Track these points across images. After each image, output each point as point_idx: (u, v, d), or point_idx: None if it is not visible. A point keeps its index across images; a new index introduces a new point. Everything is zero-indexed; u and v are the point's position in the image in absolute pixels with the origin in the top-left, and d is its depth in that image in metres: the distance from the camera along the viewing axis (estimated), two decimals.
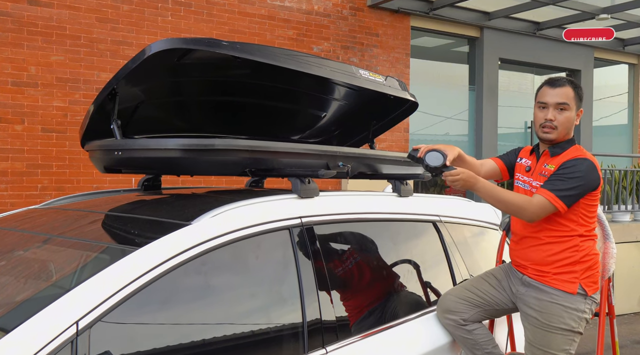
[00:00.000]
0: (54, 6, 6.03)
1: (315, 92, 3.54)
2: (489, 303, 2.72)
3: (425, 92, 8.99)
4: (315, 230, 2.46)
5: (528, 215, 2.54)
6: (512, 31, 9.54)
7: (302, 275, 2.29)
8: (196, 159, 2.40)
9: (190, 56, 2.70)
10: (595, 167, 2.56)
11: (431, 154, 2.60)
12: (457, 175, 2.52)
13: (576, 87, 2.66)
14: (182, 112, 3.36)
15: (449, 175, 2.52)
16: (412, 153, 2.67)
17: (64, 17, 6.09)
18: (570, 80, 2.69)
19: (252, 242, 2.21)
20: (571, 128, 2.66)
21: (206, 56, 2.71)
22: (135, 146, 2.43)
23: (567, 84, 2.65)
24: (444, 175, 2.55)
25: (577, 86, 2.67)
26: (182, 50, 2.61)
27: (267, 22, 7.34)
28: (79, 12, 6.17)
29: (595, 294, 2.60)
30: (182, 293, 1.99)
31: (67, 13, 6.10)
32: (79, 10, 6.17)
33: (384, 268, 2.81)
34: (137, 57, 2.45)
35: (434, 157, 2.60)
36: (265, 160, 2.62)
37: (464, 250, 3.12)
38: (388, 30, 8.32)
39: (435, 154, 2.60)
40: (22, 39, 5.88)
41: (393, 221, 2.90)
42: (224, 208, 2.22)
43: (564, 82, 2.65)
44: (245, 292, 2.17)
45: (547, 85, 2.67)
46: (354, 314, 2.52)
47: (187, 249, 2.00)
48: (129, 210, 2.50)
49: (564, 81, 2.66)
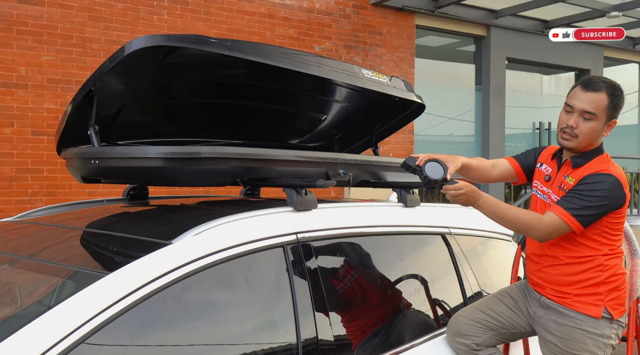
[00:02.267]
0: (44, 4, 5.80)
1: (315, 93, 3.30)
2: (504, 326, 2.47)
3: (431, 92, 8.73)
4: (313, 246, 2.22)
5: (538, 234, 2.28)
6: (520, 29, 9.28)
7: (297, 298, 2.04)
8: (180, 169, 2.16)
9: (177, 54, 2.46)
10: (621, 184, 2.26)
11: (431, 165, 2.33)
12: (460, 190, 2.26)
13: (613, 95, 2.29)
14: (172, 116, 3.13)
15: (451, 189, 2.26)
16: (407, 162, 2.36)
17: (55, 15, 5.86)
18: (610, 84, 2.31)
19: (240, 262, 1.97)
20: (596, 139, 2.34)
21: (195, 54, 2.48)
22: (113, 154, 2.19)
23: (604, 89, 2.29)
24: (444, 189, 2.29)
25: (615, 94, 2.29)
26: (167, 48, 2.38)
27: (267, 20, 7.10)
28: (71, 11, 5.94)
29: (622, 317, 2.35)
30: (158, 324, 1.75)
31: (58, 11, 5.88)
32: (70, 8, 5.94)
33: (389, 286, 2.56)
34: (116, 56, 2.22)
35: (433, 169, 2.32)
36: (257, 169, 2.39)
37: (475, 265, 2.87)
38: (392, 29, 8.08)
39: (435, 165, 2.32)
40: (11, 38, 5.65)
41: (398, 234, 2.65)
42: (208, 224, 1.98)
43: (600, 86, 2.30)
44: (233, 320, 1.92)
45: (580, 86, 2.35)
46: (356, 338, 2.28)
47: (165, 272, 1.76)
48: (106, 226, 2.26)
49: (600, 85, 2.30)
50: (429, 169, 2.31)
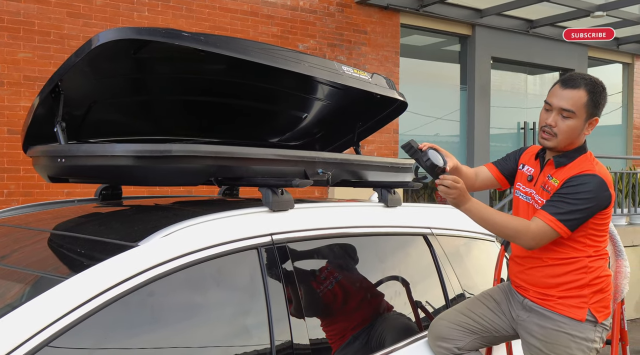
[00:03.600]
0: (21, 0, 5.67)
1: (296, 91, 3.22)
2: (487, 329, 2.40)
3: (416, 91, 8.69)
4: (289, 248, 2.14)
5: (526, 241, 2.21)
6: (505, 29, 9.26)
7: (271, 302, 1.96)
8: (150, 168, 2.07)
9: (150, 49, 2.37)
10: (606, 184, 2.20)
11: (433, 152, 2.29)
12: (458, 182, 2.20)
13: (593, 92, 2.23)
14: (149, 114, 3.02)
15: (450, 179, 2.19)
16: (411, 143, 2.29)
17: (32, 11, 5.73)
18: (590, 81, 2.24)
19: (211, 265, 1.88)
20: (577, 138, 2.28)
21: (169, 49, 2.39)
22: (80, 153, 2.10)
23: (583, 86, 2.22)
24: (441, 178, 2.22)
25: (595, 91, 2.23)
26: (138, 42, 2.29)
27: (250, 18, 7.01)
28: (49, 7, 5.81)
29: (607, 319, 2.29)
30: (122, 330, 1.66)
31: (35, 7, 5.74)
32: (48, 4, 5.81)
33: (369, 289, 2.49)
34: (83, 49, 2.12)
35: (435, 155, 2.28)
36: (232, 168, 2.30)
37: (458, 266, 2.80)
38: (377, 28, 8.02)
39: (436, 154, 2.29)
40: None
41: (379, 235, 2.58)
42: (178, 225, 1.89)
43: (579, 83, 2.23)
44: (202, 326, 1.83)
45: (559, 83, 2.29)
46: (335, 343, 2.20)
47: (130, 276, 1.67)
48: (72, 228, 2.16)
49: (579, 82, 2.23)
50: (432, 155, 2.26)
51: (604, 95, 2.28)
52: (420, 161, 2.26)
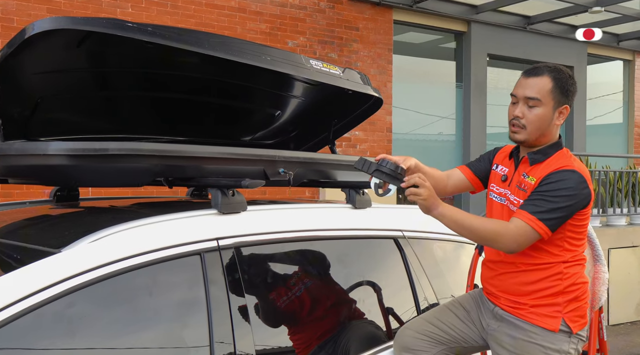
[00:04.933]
0: None
1: (265, 86, 3.06)
2: (455, 339, 2.24)
3: (410, 89, 8.53)
4: (238, 254, 1.99)
5: (507, 244, 2.04)
6: (502, 25, 9.08)
7: (212, 313, 1.81)
8: (86, 167, 1.92)
9: (96, 41, 2.22)
10: (586, 181, 2.06)
11: (384, 161, 2.12)
12: (425, 182, 2.04)
13: (558, 78, 2.12)
14: (108, 112, 2.87)
15: (414, 177, 2.02)
16: (363, 157, 2.15)
17: (11, 7, 5.60)
18: (554, 68, 2.15)
19: (143, 273, 1.73)
20: (548, 128, 2.13)
21: (118, 42, 2.24)
22: (12, 151, 1.95)
23: (547, 73, 2.12)
24: (406, 180, 2.05)
25: (560, 77, 2.13)
26: (81, 33, 2.14)
27: (237, 14, 6.86)
28: (28, 3, 5.67)
29: (583, 330, 2.13)
30: (35, 344, 1.51)
31: (14, 3, 5.61)
32: (27, 0, 5.67)
33: (329, 297, 2.33)
34: (15, 40, 1.98)
35: (388, 163, 2.11)
36: (181, 168, 2.15)
37: (432, 272, 2.64)
38: (369, 24, 7.85)
39: (388, 162, 2.11)
40: None
41: (343, 239, 2.42)
42: (111, 230, 1.75)
43: (542, 70, 2.13)
44: (129, 340, 1.69)
45: (522, 75, 2.18)
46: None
47: (45, 287, 1.52)
48: (5, 232, 2.02)
49: (542, 70, 2.14)
50: (386, 162, 2.09)
51: (571, 82, 2.16)
52: (379, 170, 2.08)
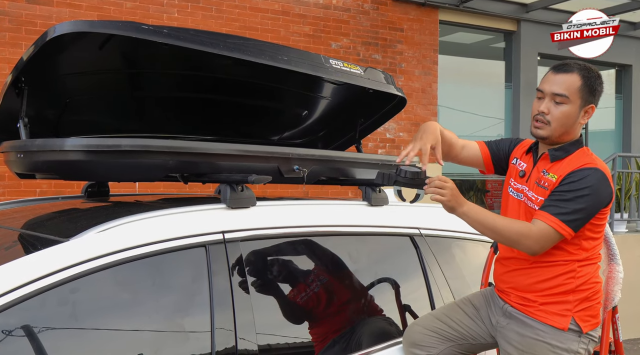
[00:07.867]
0: (53, 4, 5.82)
1: (290, 87, 3.13)
2: (464, 336, 2.23)
3: (457, 90, 8.43)
4: (244, 247, 2.05)
5: (530, 246, 2.02)
6: (553, 24, 8.85)
7: (215, 304, 1.87)
8: (101, 163, 2.02)
9: (116, 44, 2.34)
10: (608, 179, 2.03)
11: (401, 170, 2.12)
12: (446, 183, 2.04)
13: (587, 77, 2.09)
14: (135, 112, 3.00)
15: (434, 179, 2.04)
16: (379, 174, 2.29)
17: (64, 15, 5.87)
18: (584, 66, 2.10)
19: (148, 263, 1.82)
20: (572, 126, 2.10)
21: (137, 44, 2.35)
22: (34, 147, 2.08)
23: (576, 70, 2.08)
24: (429, 181, 2.07)
25: (589, 76, 2.09)
26: (103, 36, 2.25)
27: (281, 17, 6.96)
28: (80, 10, 5.95)
29: (594, 330, 2.09)
30: (39, 326, 1.61)
31: (67, 11, 5.89)
32: (79, 7, 5.94)
33: (337, 294, 2.36)
34: (38, 42, 2.10)
35: (407, 167, 2.12)
36: (195, 164, 2.23)
37: (448, 270, 2.63)
38: (414, 25, 7.81)
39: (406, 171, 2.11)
40: (20, 38, 5.69)
41: (355, 235, 2.45)
42: (119, 221, 1.84)
43: (572, 67, 2.09)
44: (131, 327, 1.77)
45: (551, 70, 2.15)
46: (291, 350, 2.10)
47: (51, 272, 1.62)
48: (26, 224, 2.15)
49: (572, 66, 2.09)
50: (404, 167, 2.11)
51: (599, 82, 2.13)
52: (399, 178, 2.11)
